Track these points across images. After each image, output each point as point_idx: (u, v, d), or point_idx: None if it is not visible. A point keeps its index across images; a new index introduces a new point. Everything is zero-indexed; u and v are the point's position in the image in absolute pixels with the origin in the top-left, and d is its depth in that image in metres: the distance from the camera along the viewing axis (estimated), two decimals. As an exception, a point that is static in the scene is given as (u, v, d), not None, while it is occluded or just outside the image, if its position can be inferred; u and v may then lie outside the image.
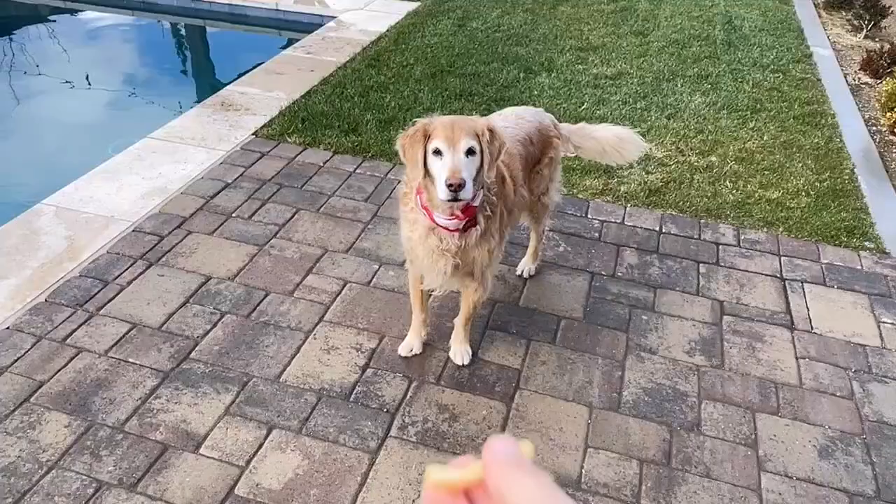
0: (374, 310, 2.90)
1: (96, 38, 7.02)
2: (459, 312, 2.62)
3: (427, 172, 2.13)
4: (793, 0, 6.99)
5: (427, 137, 2.09)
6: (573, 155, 3.03)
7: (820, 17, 6.73)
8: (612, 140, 2.88)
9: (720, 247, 3.38)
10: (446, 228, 2.23)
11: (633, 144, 2.88)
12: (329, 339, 2.73)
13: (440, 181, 2.05)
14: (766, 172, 3.97)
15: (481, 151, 2.10)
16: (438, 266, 2.31)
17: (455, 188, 2.01)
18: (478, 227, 2.25)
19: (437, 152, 2.08)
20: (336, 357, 2.65)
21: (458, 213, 2.18)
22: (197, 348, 2.65)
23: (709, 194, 3.77)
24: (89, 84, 5.84)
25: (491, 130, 2.12)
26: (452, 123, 2.07)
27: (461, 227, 2.22)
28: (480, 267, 2.39)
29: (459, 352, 2.65)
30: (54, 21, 7.29)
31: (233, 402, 2.43)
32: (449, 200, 2.06)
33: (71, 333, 2.67)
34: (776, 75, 5.22)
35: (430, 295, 2.74)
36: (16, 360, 2.54)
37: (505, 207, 2.37)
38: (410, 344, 2.69)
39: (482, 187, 2.21)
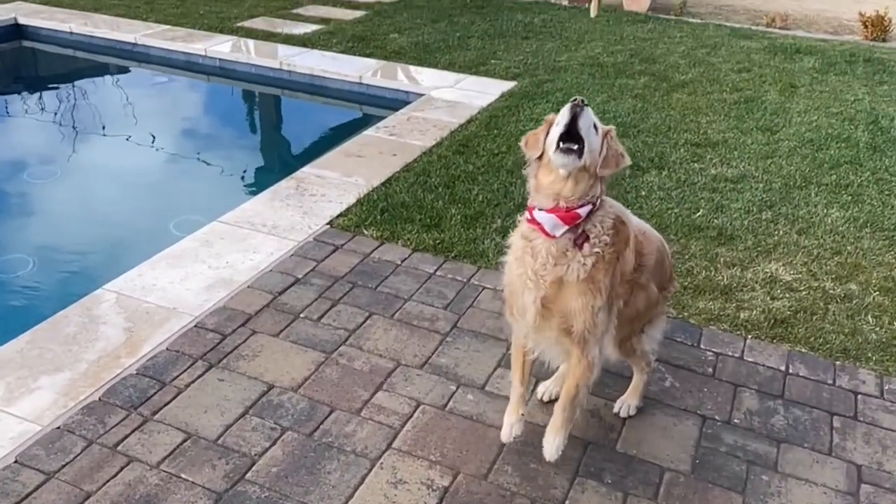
0: (448, 439, 2.99)
1: (167, 101, 7.70)
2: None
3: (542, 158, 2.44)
4: (953, 98, 6.96)
5: (551, 125, 2.40)
6: None
7: None
8: None
9: (859, 397, 3.33)
10: (543, 230, 2.41)
11: None
12: (397, 471, 2.83)
13: (553, 137, 2.34)
14: (917, 308, 3.91)
15: (601, 139, 2.39)
16: (528, 295, 2.50)
17: (576, 106, 2.28)
18: (587, 248, 2.43)
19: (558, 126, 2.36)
20: (404, 493, 2.74)
21: (563, 204, 2.38)
22: (254, 468, 2.80)
23: (846, 330, 3.73)
24: (156, 151, 6.38)
25: (612, 135, 2.42)
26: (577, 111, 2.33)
27: (560, 232, 2.41)
28: (582, 324, 2.50)
29: (550, 443, 2.73)
30: (123, 80, 8.05)
31: (288, 535, 2.54)
32: (561, 148, 2.30)
33: (123, 439, 2.88)
34: (932, 189, 5.18)
35: (533, 363, 2.85)
36: (64, 466, 2.75)
37: (621, 269, 2.54)
38: (510, 424, 2.82)
39: (595, 203, 2.42)
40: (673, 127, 6.09)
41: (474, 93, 6.71)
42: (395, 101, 6.75)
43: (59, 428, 2.92)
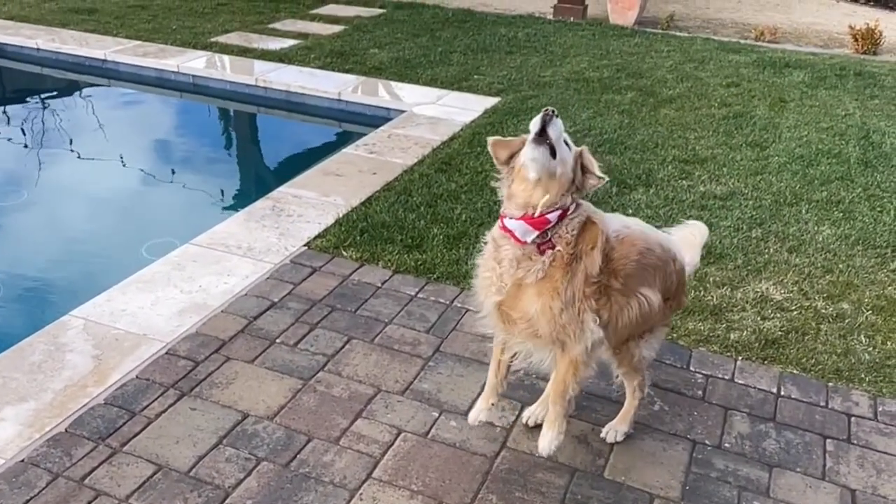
0: (431, 468, 3.00)
1: (139, 119, 7.71)
2: None
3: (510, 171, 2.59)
4: (945, 112, 7.11)
5: (524, 141, 2.53)
6: None
7: (979, 133, 6.79)
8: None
9: (852, 419, 3.37)
10: (514, 236, 2.55)
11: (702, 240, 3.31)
12: (377, 502, 2.83)
13: (531, 135, 2.47)
14: (910, 327, 3.97)
15: (574, 157, 2.53)
16: (489, 299, 2.68)
17: (548, 115, 2.42)
18: (550, 252, 2.56)
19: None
20: (384, 525, 2.74)
21: (531, 211, 2.52)
22: (228, 500, 2.79)
23: (839, 350, 3.78)
24: (128, 171, 6.39)
25: (583, 152, 2.56)
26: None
27: (530, 238, 2.54)
28: (547, 326, 2.62)
29: (543, 437, 2.84)
30: (92, 98, 8.06)
31: (263, 571, 2.53)
32: (536, 136, 2.44)
33: (90, 472, 2.86)
34: (924, 205, 5.27)
35: (510, 366, 2.97)
36: (28, 501, 2.73)
37: (587, 270, 2.61)
38: (479, 409, 3.00)
39: (564, 211, 2.54)
40: (660, 143, 6.17)
41: (457, 109, 6.77)
42: (375, 118, 6.80)
43: (23, 461, 2.90)
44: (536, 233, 2.54)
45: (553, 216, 2.53)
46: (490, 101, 6.98)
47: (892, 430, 3.31)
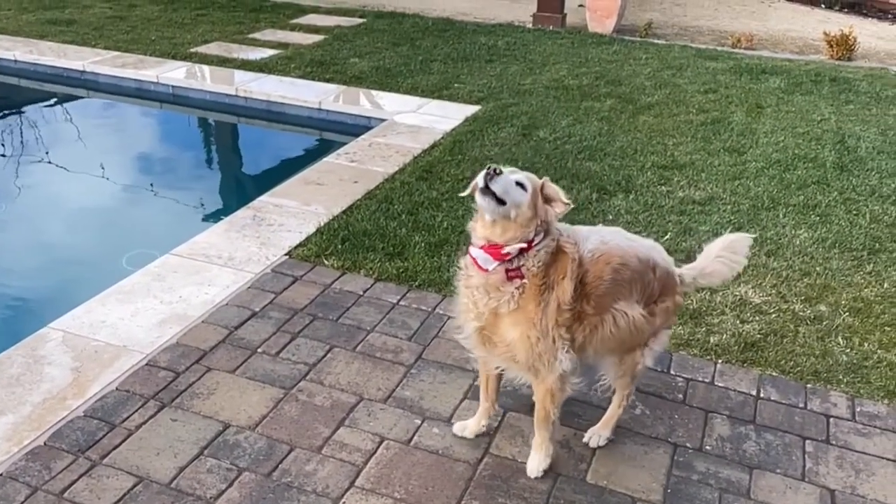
0: (414, 475, 2.99)
1: (118, 130, 7.67)
2: None
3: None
4: (918, 116, 7.21)
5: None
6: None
7: (952, 137, 6.89)
8: (728, 260, 3.21)
9: (831, 420, 3.40)
10: (477, 264, 2.69)
11: (743, 248, 3.24)
12: (360, 510, 2.82)
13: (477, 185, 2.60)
14: (886, 329, 4.01)
15: (531, 197, 2.61)
16: (469, 324, 2.83)
17: (489, 174, 2.53)
18: (517, 283, 2.67)
19: None
20: (367, 533, 2.73)
21: (487, 243, 2.66)
22: (209, 512, 2.77)
23: (817, 352, 3.82)
24: (108, 182, 6.35)
25: (544, 185, 2.65)
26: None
27: (491, 266, 2.66)
28: (524, 354, 2.75)
29: (533, 460, 3.01)
30: (71, 109, 8.01)
31: (245, 582, 2.52)
32: (482, 189, 2.55)
33: (70, 486, 2.83)
34: (899, 208, 5.34)
35: (499, 382, 3.11)
36: (7, 515, 2.70)
37: (559, 299, 2.71)
38: (465, 426, 3.17)
39: (529, 243, 2.64)
40: (639, 149, 6.21)
41: (438, 117, 6.79)
42: (356, 127, 6.80)
43: (1, 475, 2.87)
44: (497, 262, 2.65)
45: (514, 248, 2.63)
46: (471, 109, 7.01)
47: (870, 431, 3.34)
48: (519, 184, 2.60)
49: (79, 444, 3.04)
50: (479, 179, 2.58)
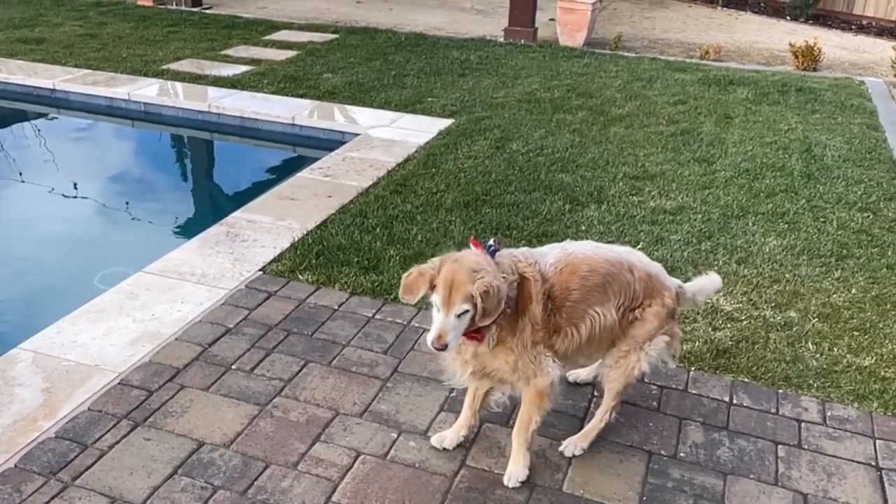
0: (391, 490, 2.98)
1: (90, 148, 7.61)
2: None
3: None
4: (883, 126, 7.33)
5: (432, 286, 2.70)
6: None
7: (915, 144, 7.02)
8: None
9: (802, 424, 3.43)
10: None
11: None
12: (337, 526, 2.80)
13: (432, 330, 2.70)
14: (855, 333, 4.06)
15: (475, 307, 2.66)
16: (459, 371, 2.96)
17: (438, 349, 2.68)
18: (489, 336, 2.81)
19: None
20: (344, 549, 2.71)
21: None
22: (183, 531, 2.74)
23: (788, 358, 3.86)
24: (79, 200, 6.28)
25: (486, 290, 2.65)
26: (451, 283, 2.65)
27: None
28: (511, 375, 2.90)
29: (510, 472, 3.04)
30: (41, 127, 7.93)
31: None
32: (438, 349, 2.69)
33: (41, 508, 2.79)
34: (865, 215, 5.42)
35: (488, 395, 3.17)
36: (-24, 539, 2.65)
37: (531, 321, 2.83)
38: (444, 436, 3.19)
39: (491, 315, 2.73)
40: (611, 161, 6.27)
41: (411, 131, 6.80)
42: (329, 142, 6.79)
43: (-31, 499, 2.82)
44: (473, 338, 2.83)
45: (485, 322, 2.73)
46: (444, 123, 7.03)
47: (841, 434, 3.38)
48: (462, 313, 2.66)
49: (50, 465, 2.99)
50: (429, 345, 2.70)
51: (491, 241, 2.86)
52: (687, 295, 3.24)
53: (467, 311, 2.66)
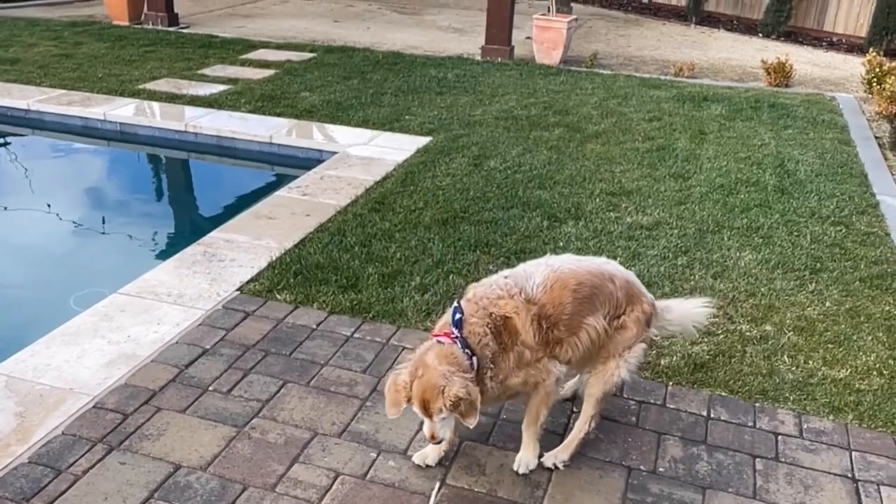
0: (369, 510, 2.96)
1: (65, 169, 7.54)
2: None
3: None
4: (854, 140, 7.46)
5: (408, 399, 2.85)
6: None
7: (886, 159, 7.14)
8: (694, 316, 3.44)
9: (779, 437, 3.46)
10: None
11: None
12: (315, 548, 2.78)
13: (424, 430, 2.90)
14: (829, 346, 4.11)
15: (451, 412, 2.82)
16: None
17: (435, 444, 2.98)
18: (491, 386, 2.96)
19: None
20: (323, 571, 2.69)
21: None
22: (159, 557, 2.70)
23: (764, 371, 3.89)
24: (55, 221, 6.21)
25: (454, 402, 2.75)
26: (422, 400, 2.79)
27: None
28: (522, 388, 3.04)
29: (520, 459, 3.19)
30: (15, 148, 7.85)
31: None
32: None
33: (13, 535, 2.74)
34: (838, 228, 5.49)
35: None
36: (-54, 569, 2.60)
37: (525, 345, 2.95)
38: (427, 453, 3.20)
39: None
40: (588, 177, 6.31)
41: (389, 149, 6.82)
42: (307, 160, 6.79)
43: (-61, 528, 2.76)
44: None
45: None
46: (422, 141, 7.05)
47: (817, 447, 3.41)
48: (444, 417, 2.82)
49: (23, 491, 2.94)
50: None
51: (455, 304, 2.96)
52: (658, 309, 3.29)
53: (447, 416, 2.81)
